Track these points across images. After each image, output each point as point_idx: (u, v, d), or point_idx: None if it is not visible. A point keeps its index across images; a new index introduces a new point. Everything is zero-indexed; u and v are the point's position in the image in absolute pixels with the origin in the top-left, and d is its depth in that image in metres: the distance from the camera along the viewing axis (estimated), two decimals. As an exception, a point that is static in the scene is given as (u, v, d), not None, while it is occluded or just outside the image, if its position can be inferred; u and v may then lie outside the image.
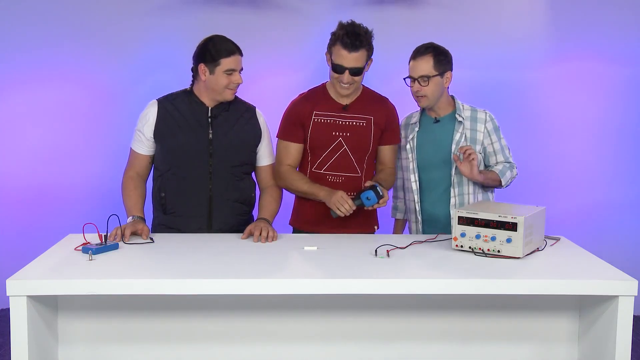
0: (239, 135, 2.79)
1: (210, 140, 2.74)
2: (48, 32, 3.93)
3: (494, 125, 2.88)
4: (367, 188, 2.63)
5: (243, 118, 2.83)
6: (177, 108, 2.76)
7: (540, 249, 2.49)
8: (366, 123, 2.85)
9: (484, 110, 2.91)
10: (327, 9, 4.02)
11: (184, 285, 2.06)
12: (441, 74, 2.80)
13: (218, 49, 2.67)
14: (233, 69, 2.68)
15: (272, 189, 2.88)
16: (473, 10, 4.02)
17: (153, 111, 2.76)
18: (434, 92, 2.80)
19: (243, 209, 2.85)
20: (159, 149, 2.78)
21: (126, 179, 2.80)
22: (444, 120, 2.89)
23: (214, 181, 2.76)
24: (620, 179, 4.18)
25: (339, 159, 2.85)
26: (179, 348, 2.29)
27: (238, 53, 2.71)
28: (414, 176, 2.91)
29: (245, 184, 2.85)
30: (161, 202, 2.80)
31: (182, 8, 3.97)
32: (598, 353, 2.21)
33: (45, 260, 2.27)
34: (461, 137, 2.85)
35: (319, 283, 2.10)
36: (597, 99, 4.14)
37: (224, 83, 2.68)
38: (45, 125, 4.01)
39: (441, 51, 2.83)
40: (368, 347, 2.33)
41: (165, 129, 2.74)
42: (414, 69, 2.81)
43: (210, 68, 2.68)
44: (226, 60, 2.66)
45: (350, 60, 2.70)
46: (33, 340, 2.05)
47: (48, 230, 3.61)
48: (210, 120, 2.76)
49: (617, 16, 4.04)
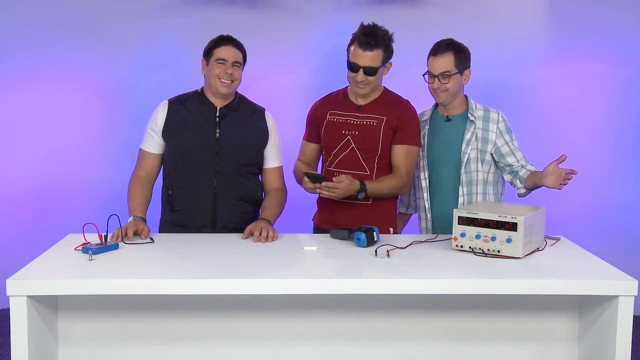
0: (245, 136, 2.82)
1: (217, 139, 2.78)
2: (48, 32, 3.93)
3: (507, 126, 2.88)
4: (364, 229, 2.51)
5: (251, 119, 2.86)
6: (187, 108, 2.82)
7: (540, 249, 2.49)
8: (377, 123, 2.86)
9: (496, 110, 2.90)
10: (327, 9, 4.03)
11: (184, 285, 2.06)
12: (461, 71, 2.80)
13: (214, 41, 2.77)
14: (224, 59, 2.72)
15: (276, 192, 2.89)
16: (473, 10, 4.03)
17: (163, 110, 2.82)
18: (453, 89, 2.81)
19: (248, 208, 2.86)
20: (168, 146, 2.82)
21: (134, 178, 2.83)
22: (455, 119, 2.89)
23: (219, 179, 2.78)
24: (620, 179, 4.18)
25: (347, 157, 2.87)
26: (179, 348, 2.29)
27: (233, 45, 2.76)
28: (423, 174, 2.92)
29: (250, 184, 2.87)
30: (169, 199, 2.84)
31: (182, 8, 3.98)
32: (598, 353, 2.21)
33: (45, 260, 2.27)
34: (472, 136, 2.84)
35: (319, 283, 2.10)
36: (597, 99, 4.14)
37: (215, 72, 2.73)
38: (46, 125, 4.01)
39: (461, 48, 2.82)
40: (368, 347, 2.33)
41: (174, 128, 2.79)
42: (434, 65, 2.80)
43: (207, 60, 2.77)
44: (218, 50, 2.74)
45: (365, 59, 2.73)
46: (33, 340, 2.05)
47: (48, 230, 3.62)
48: (219, 119, 2.80)
49: (617, 16, 4.04)
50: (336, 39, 3.98)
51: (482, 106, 2.91)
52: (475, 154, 2.85)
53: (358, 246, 2.49)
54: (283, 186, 2.94)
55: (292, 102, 3.98)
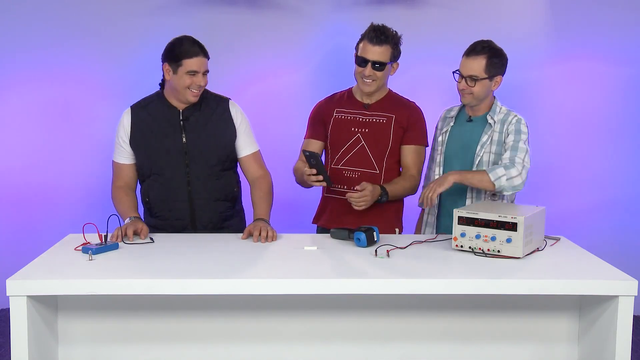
0: (213, 135, 2.78)
1: (184, 144, 2.75)
2: (48, 32, 3.93)
3: (517, 128, 2.75)
4: (364, 229, 2.51)
5: (216, 114, 2.80)
6: (150, 114, 2.77)
7: (540, 249, 2.49)
8: (386, 120, 2.87)
9: (516, 114, 2.81)
10: (327, 9, 4.03)
11: (184, 285, 2.06)
12: (491, 77, 2.74)
13: (182, 50, 2.65)
14: (195, 71, 2.65)
15: (259, 181, 2.84)
16: (473, 10, 4.02)
17: (127, 119, 2.79)
18: (479, 93, 2.75)
19: (225, 206, 2.85)
20: (137, 156, 2.80)
21: (114, 189, 2.83)
22: (477, 120, 2.85)
23: (192, 183, 2.77)
24: (620, 179, 4.18)
25: (357, 155, 2.88)
26: (179, 348, 2.29)
27: (203, 55, 2.67)
28: (438, 169, 2.90)
29: (225, 181, 2.84)
30: (146, 206, 2.85)
31: (182, 8, 3.98)
32: (598, 353, 2.21)
33: (45, 260, 2.27)
34: (488, 139, 2.79)
35: (319, 283, 2.10)
36: (597, 99, 4.14)
37: (186, 84, 2.66)
38: (45, 125, 4.01)
39: (496, 53, 2.75)
40: (368, 347, 2.33)
41: (140, 136, 2.76)
42: (464, 66, 2.74)
43: (174, 68, 2.67)
44: (188, 61, 2.64)
45: (374, 53, 2.75)
46: (33, 340, 2.05)
47: (48, 230, 3.62)
48: (182, 123, 2.76)
49: (617, 16, 4.04)
50: (336, 39, 3.99)
51: (506, 109, 2.84)
52: (488, 157, 2.80)
53: (358, 246, 2.49)
54: (265, 171, 2.88)
55: (292, 102, 3.98)
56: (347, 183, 2.89)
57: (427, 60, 3.90)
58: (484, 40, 2.77)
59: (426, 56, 3.92)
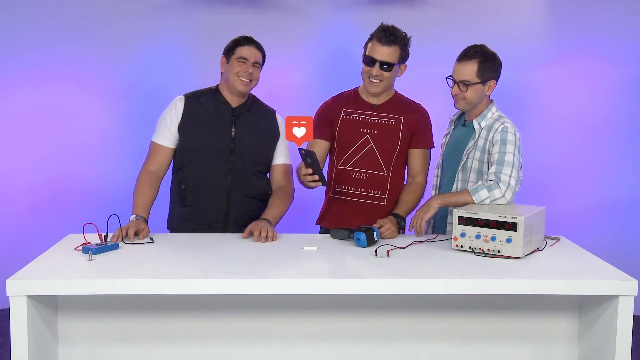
0: (260, 135, 2.86)
1: (232, 138, 2.80)
2: (48, 32, 3.94)
3: (502, 137, 2.66)
4: (364, 229, 2.50)
5: (264, 119, 2.90)
6: (202, 104, 2.83)
7: (540, 249, 2.49)
8: (395, 122, 2.87)
9: (505, 121, 2.72)
10: (327, 9, 4.03)
11: (184, 285, 2.06)
12: (484, 82, 2.70)
13: (237, 40, 2.81)
14: (245, 58, 2.76)
15: (282, 191, 2.88)
16: (473, 10, 4.03)
17: (181, 104, 2.83)
18: (472, 98, 2.72)
19: (258, 205, 2.88)
20: (182, 142, 2.82)
21: (144, 172, 2.81)
22: (469, 125, 2.83)
23: (232, 177, 2.81)
24: (620, 179, 4.18)
25: (365, 156, 2.87)
26: (179, 348, 2.29)
27: (255, 47, 2.80)
28: (436, 170, 2.95)
29: (261, 182, 2.89)
30: (181, 194, 2.85)
31: (182, 8, 3.98)
32: (598, 353, 2.21)
33: (45, 260, 2.27)
34: (473, 145, 2.76)
35: (319, 283, 2.10)
36: (597, 99, 4.14)
37: (235, 70, 2.76)
38: (45, 125, 4.02)
39: (489, 58, 2.71)
40: (368, 347, 2.33)
41: (191, 124, 2.81)
42: (457, 71, 2.72)
43: (228, 58, 2.80)
44: (240, 49, 2.78)
45: (382, 53, 2.75)
46: (33, 340, 2.05)
47: (48, 230, 3.62)
48: (234, 118, 2.82)
49: (617, 16, 4.05)
50: (336, 39, 3.99)
51: (498, 115, 2.77)
52: (471, 163, 2.76)
53: (358, 246, 2.49)
54: (289, 184, 2.92)
55: (291, 102, 3.97)
56: (354, 184, 2.89)
57: (427, 60, 3.89)
58: (477, 44, 2.75)
59: (426, 56, 3.91)
